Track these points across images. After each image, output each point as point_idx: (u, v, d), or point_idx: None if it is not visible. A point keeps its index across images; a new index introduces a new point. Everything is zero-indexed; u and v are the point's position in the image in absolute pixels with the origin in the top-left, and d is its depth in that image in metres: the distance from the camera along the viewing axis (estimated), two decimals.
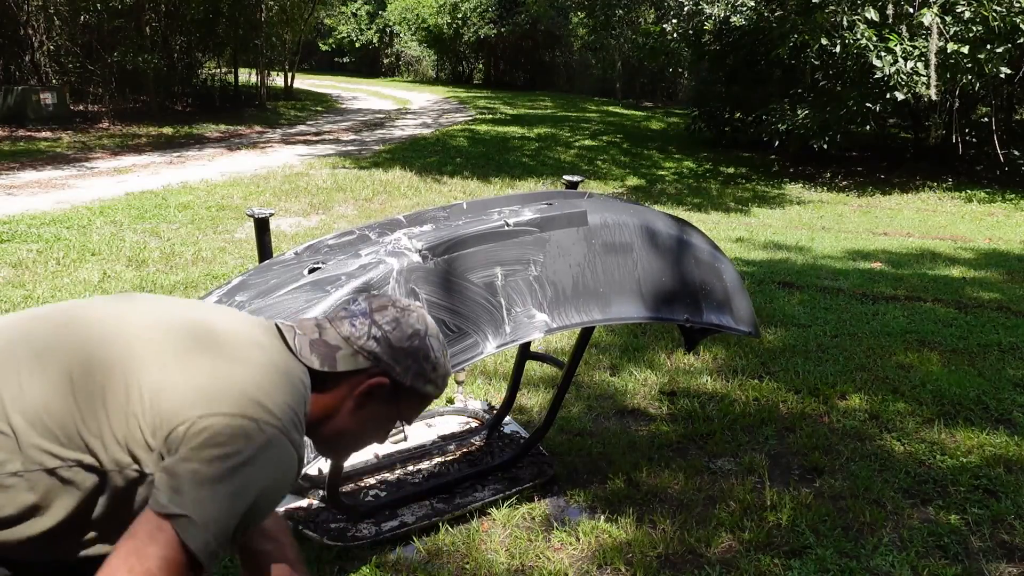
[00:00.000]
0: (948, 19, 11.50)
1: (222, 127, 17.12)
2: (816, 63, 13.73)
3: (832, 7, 11.75)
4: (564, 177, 2.89)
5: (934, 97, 11.91)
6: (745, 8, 14.05)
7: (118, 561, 1.12)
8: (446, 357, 1.44)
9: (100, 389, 1.17)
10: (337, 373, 1.34)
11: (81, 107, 17.75)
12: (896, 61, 11.58)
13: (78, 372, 1.19)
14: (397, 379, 1.36)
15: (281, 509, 2.64)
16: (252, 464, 1.15)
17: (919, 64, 11.60)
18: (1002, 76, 11.67)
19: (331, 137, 16.55)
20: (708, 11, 14.74)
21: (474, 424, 3.32)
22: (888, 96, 12.14)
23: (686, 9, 15.45)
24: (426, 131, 17.92)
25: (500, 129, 18.85)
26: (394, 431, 1.41)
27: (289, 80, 25.27)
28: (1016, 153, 13.65)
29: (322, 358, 1.33)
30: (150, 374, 1.18)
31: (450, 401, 3.59)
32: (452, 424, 3.32)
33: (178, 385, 1.18)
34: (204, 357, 1.22)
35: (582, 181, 2.93)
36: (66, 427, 1.16)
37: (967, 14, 11.22)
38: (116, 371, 1.19)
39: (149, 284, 5.64)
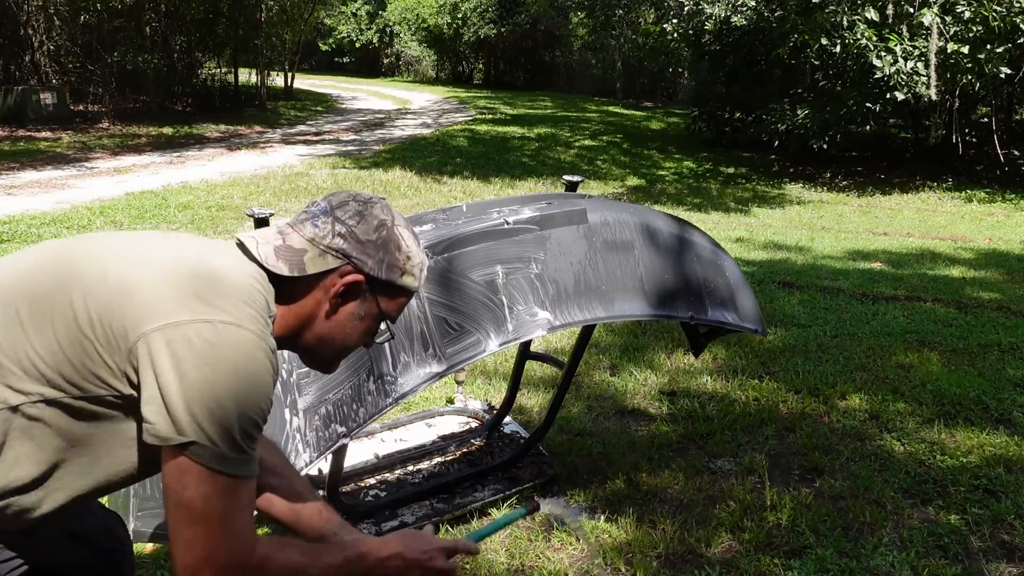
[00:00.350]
0: (948, 19, 11.50)
1: (222, 127, 17.13)
2: (816, 63, 13.74)
3: (832, 7, 11.75)
4: (564, 177, 2.89)
5: (934, 97, 11.91)
6: (745, 8, 14.06)
7: (174, 522, 1.12)
8: (420, 246, 1.37)
9: (47, 317, 1.14)
10: (308, 277, 1.28)
11: (81, 107, 17.76)
12: (896, 61, 11.58)
13: (23, 305, 1.16)
14: (370, 273, 1.30)
15: None
16: (223, 363, 1.11)
17: (919, 64, 11.60)
18: (1002, 76, 11.67)
19: (331, 137, 16.55)
20: (708, 11, 14.75)
21: (474, 424, 3.32)
22: (888, 96, 12.15)
23: (686, 9, 15.45)
24: (426, 131, 17.92)
25: (500, 129, 18.85)
26: (380, 334, 1.38)
27: (289, 80, 25.28)
28: (1016, 153, 13.66)
29: (290, 264, 1.27)
30: (95, 294, 1.14)
31: (450, 401, 3.59)
32: (452, 424, 3.32)
33: (126, 301, 1.13)
34: (146, 270, 1.18)
35: (582, 181, 2.93)
36: (21, 362, 1.13)
37: (967, 14, 11.22)
38: (58, 296, 1.15)
39: None
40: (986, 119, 14.77)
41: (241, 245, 1.30)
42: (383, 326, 1.37)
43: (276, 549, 1.22)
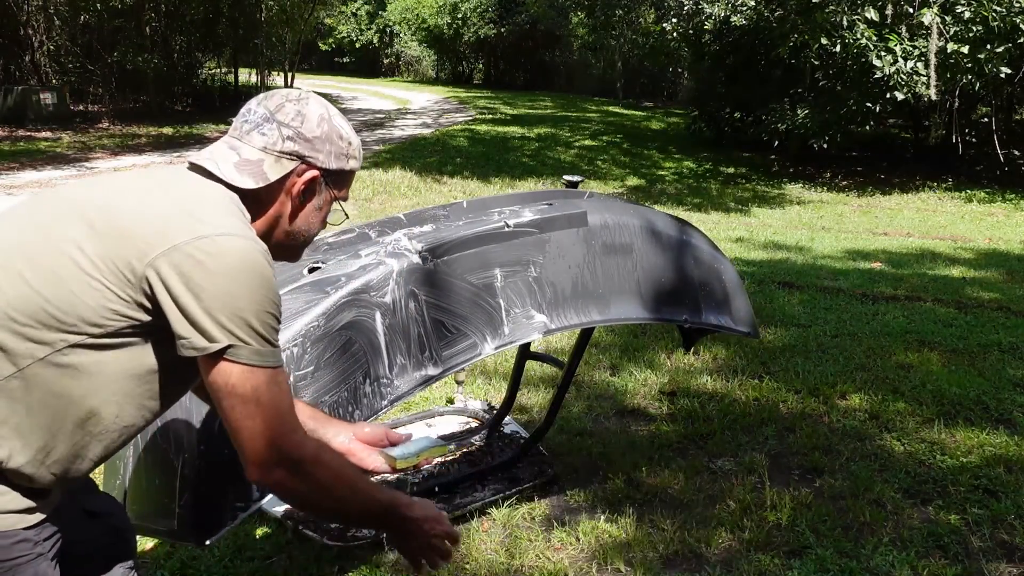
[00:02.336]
0: (948, 19, 11.50)
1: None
2: (816, 63, 13.73)
3: (832, 7, 11.74)
4: (564, 177, 2.89)
5: (934, 97, 11.91)
6: (745, 8, 14.05)
7: (235, 422, 1.23)
8: (351, 126, 1.48)
9: (51, 273, 1.20)
10: (270, 184, 1.37)
11: (81, 107, 17.76)
12: (896, 61, 11.58)
13: (23, 266, 1.21)
14: (323, 167, 1.41)
15: (281, 509, 2.64)
16: (230, 270, 1.21)
17: (919, 64, 11.60)
18: (1002, 76, 11.67)
19: None
20: (708, 11, 14.74)
21: (474, 424, 3.32)
22: (888, 96, 12.14)
23: (686, 9, 15.45)
24: (426, 131, 17.92)
25: (500, 129, 18.85)
26: (334, 212, 1.49)
27: (289, 80, 25.25)
28: (1016, 153, 13.66)
29: (253, 176, 1.36)
30: (90, 241, 1.21)
31: (450, 401, 3.59)
32: (452, 424, 3.32)
33: (122, 239, 1.21)
34: (133, 208, 1.25)
35: (582, 181, 2.93)
36: (37, 315, 1.19)
37: (967, 14, 11.22)
38: (53, 252, 1.21)
39: None
40: (986, 119, 14.76)
41: (198, 168, 1.37)
42: (337, 206, 1.49)
43: (326, 449, 1.34)
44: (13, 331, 1.18)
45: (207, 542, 1.82)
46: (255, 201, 1.38)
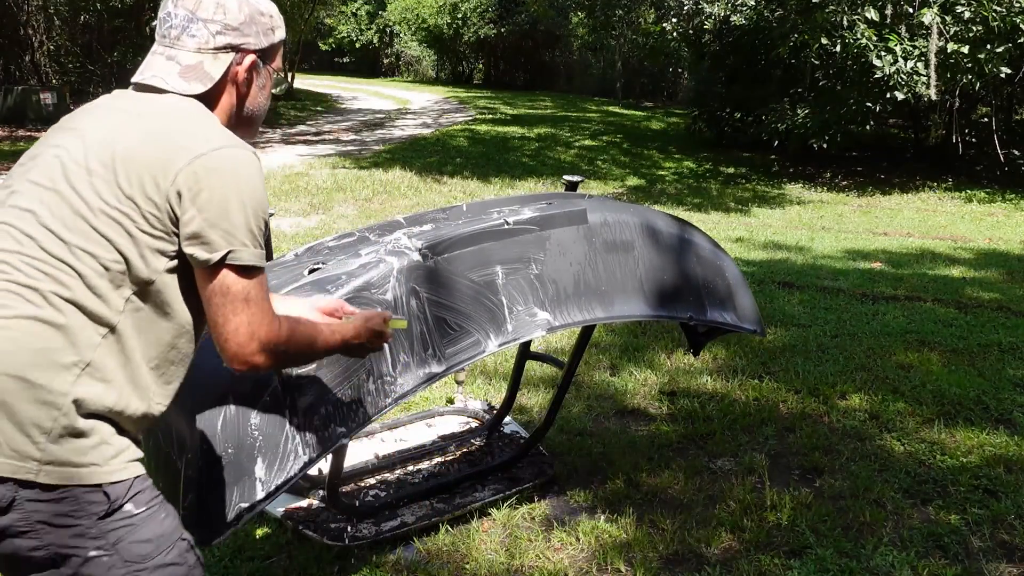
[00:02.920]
0: (948, 19, 11.49)
1: None
2: (816, 63, 13.73)
3: (832, 7, 11.74)
4: (564, 177, 2.89)
5: (934, 97, 11.90)
6: (745, 8, 14.06)
7: (219, 318, 1.33)
8: None
9: (95, 236, 1.28)
10: (216, 82, 1.44)
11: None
12: (896, 61, 11.57)
13: (64, 233, 1.27)
14: (256, 48, 1.48)
15: (281, 509, 2.65)
16: (239, 180, 1.33)
17: (919, 64, 11.59)
18: (1002, 76, 11.66)
19: (331, 137, 16.55)
20: (708, 11, 14.75)
21: (474, 424, 3.32)
22: (888, 96, 12.14)
23: (686, 9, 15.46)
24: (426, 131, 17.91)
25: (500, 129, 18.85)
26: (278, 84, 1.62)
27: (289, 80, 25.26)
28: (1016, 153, 13.65)
29: (200, 80, 1.43)
30: (126, 193, 1.29)
31: (450, 401, 3.59)
32: (452, 424, 3.32)
33: (146, 174, 1.29)
34: (136, 144, 1.33)
35: (582, 181, 2.93)
36: (103, 275, 1.28)
37: (967, 14, 11.21)
38: (88, 215, 1.28)
39: None
40: (986, 119, 14.75)
41: (147, 87, 1.44)
42: (278, 77, 1.60)
43: (294, 324, 1.46)
44: (99, 295, 1.27)
45: (212, 542, 1.82)
46: (207, 100, 1.45)
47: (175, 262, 1.33)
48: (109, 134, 1.34)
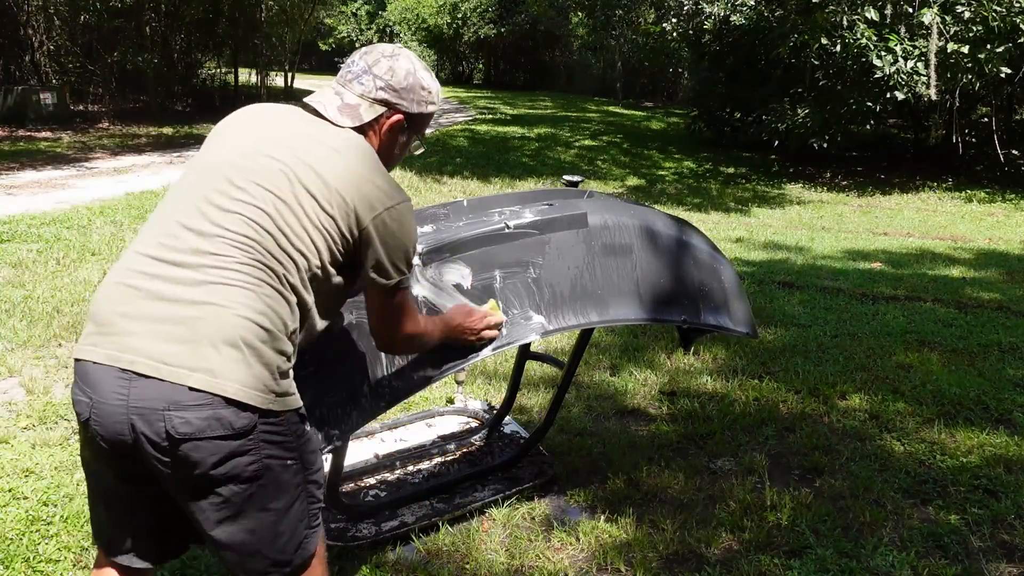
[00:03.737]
0: (948, 19, 11.50)
1: None
2: (816, 63, 13.73)
3: (832, 7, 11.74)
4: (564, 177, 2.89)
5: (934, 97, 11.90)
6: (745, 8, 14.06)
7: (385, 322, 1.78)
8: (433, 76, 1.85)
9: (308, 238, 1.60)
10: (364, 123, 1.74)
11: (81, 107, 17.75)
12: (896, 61, 11.58)
13: (280, 236, 1.56)
14: (407, 111, 1.78)
15: None
16: (408, 227, 1.70)
17: (919, 64, 11.60)
18: (1002, 76, 11.67)
19: None
20: (708, 11, 14.75)
21: (474, 424, 3.32)
22: (888, 96, 12.15)
23: (686, 9, 15.46)
24: (426, 131, 17.89)
25: (500, 129, 18.85)
26: (417, 147, 1.93)
27: (289, 80, 25.26)
28: (1016, 153, 13.66)
29: (351, 118, 1.74)
30: (317, 211, 1.60)
31: (450, 401, 3.59)
32: (452, 424, 3.32)
33: (347, 202, 1.61)
34: (328, 169, 1.63)
35: (582, 181, 2.93)
36: (303, 265, 1.59)
37: (967, 14, 11.22)
38: (292, 206, 1.58)
39: None
40: (986, 119, 14.77)
41: (309, 107, 1.76)
42: (417, 142, 1.89)
43: (428, 321, 1.92)
44: (304, 285, 1.60)
45: None
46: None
47: (341, 271, 1.66)
48: (316, 161, 1.62)
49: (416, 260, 2.09)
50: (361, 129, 1.74)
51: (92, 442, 1.52)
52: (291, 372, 1.60)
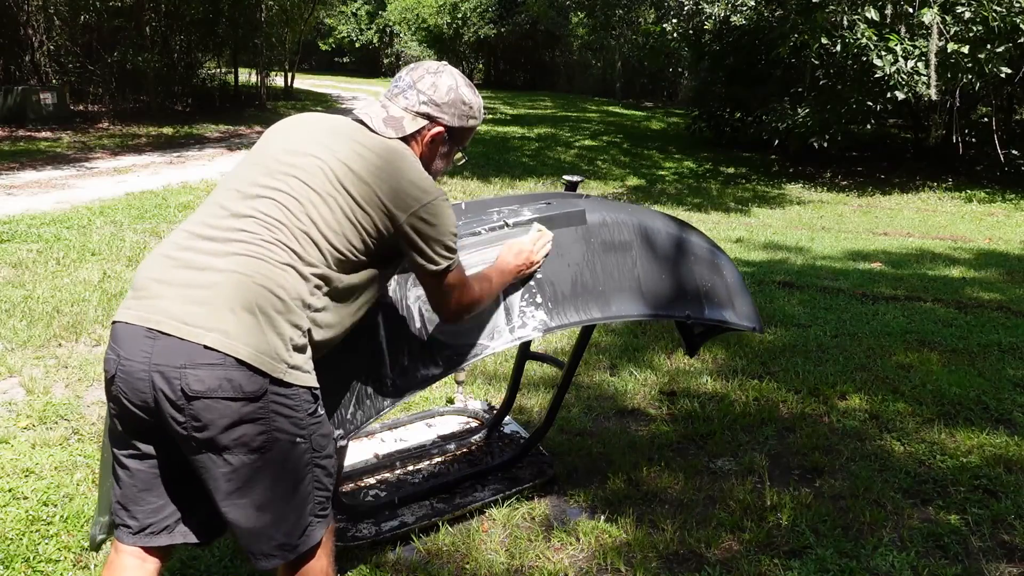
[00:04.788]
0: (948, 19, 11.49)
1: (222, 127, 17.11)
2: (816, 63, 13.72)
3: (832, 7, 11.74)
4: (564, 177, 2.89)
5: (934, 97, 11.90)
6: (745, 8, 14.06)
7: (443, 297, 1.89)
8: (475, 92, 1.97)
9: (345, 233, 1.71)
10: (407, 135, 1.86)
11: (81, 107, 17.76)
12: (896, 61, 11.58)
13: (314, 230, 1.67)
14: (448, 124, 1.90)
15: None
16: (449, 218, 1.81)
17: (919, 64, 11.59)
18: (1002, 76, 11.66)
19: None
20: (708, 11, 14.75)
21: (474, 424, 3.32)
22: (888, 96, 12.14)
23: (686, 9, 15.46)
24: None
25: (500, 129, 18.85)
26: (459, 159, 2.04)
27: (289, 80, 25.29)
28: (1016, 153, 13.65)
29: (395, 129, 1.85)
30: (357, 208, 1.71)
31: (450, 401, 3.59)
32: (452, 424, 3.32)
33: (385, 198, 1.72)
34: (370, 173, 1.75)
35: (582, 181, 2.93)
36: (346, 256, 1.72)
37: (967, 14, 11.21)
38: (328, 201, 1.70)
39: None
40: (986, 119, 14.76)
41: (360, 121, 1.86)
42: (459, 154, 2.01)
43: (480, 281, 2.01)
44: (333, 269, 1.69)
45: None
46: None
47: (376, 259, 1.77)
48: (353, 161, 1.73)
49: None
50: (404, 140, 1.85)
51: (117, 402, 1.61)
52: (308, 350, 1.66)
